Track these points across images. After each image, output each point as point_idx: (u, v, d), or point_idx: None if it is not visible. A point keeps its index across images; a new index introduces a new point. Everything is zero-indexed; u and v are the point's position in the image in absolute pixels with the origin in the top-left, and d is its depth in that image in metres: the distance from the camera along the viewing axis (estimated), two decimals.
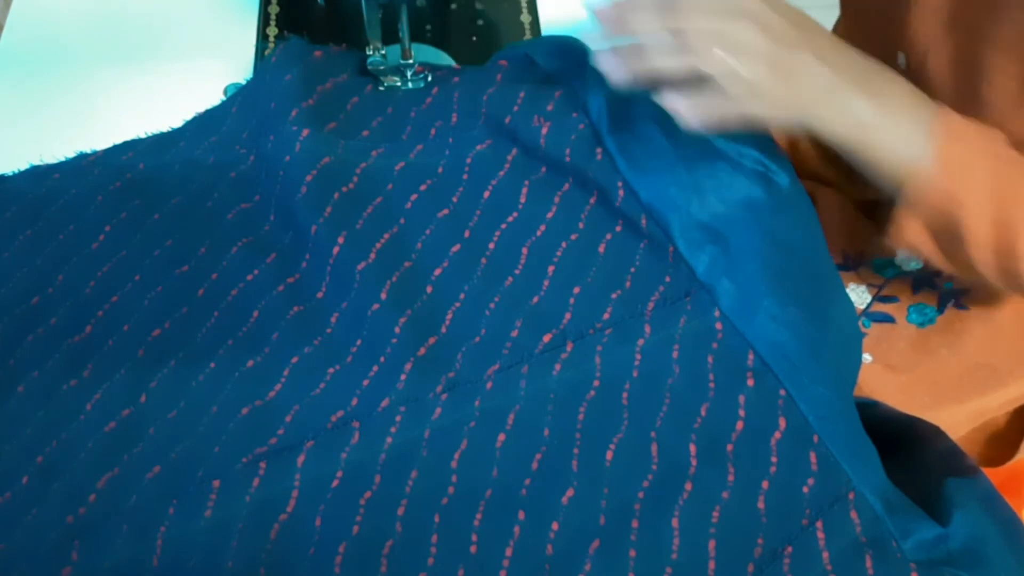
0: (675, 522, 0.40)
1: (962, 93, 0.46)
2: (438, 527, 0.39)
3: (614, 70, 0.43)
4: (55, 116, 0.59)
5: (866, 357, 0.58)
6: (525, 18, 0.67)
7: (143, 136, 0.56)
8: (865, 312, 0.60)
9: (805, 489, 0.41)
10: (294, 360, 0.45)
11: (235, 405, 0.43)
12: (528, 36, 0.65)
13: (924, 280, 0.58)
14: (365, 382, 0.43)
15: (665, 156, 0.49)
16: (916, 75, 0.48)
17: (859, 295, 0.60)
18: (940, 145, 0.41)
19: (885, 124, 0.42)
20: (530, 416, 0.43)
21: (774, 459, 0.42)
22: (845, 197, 0.61)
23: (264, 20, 0.65)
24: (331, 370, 0.44)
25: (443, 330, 0.46)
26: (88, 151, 0.54)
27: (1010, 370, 0.58)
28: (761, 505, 0.40)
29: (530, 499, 0.40)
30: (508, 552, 0.39)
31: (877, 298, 0.60)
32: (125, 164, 0.53)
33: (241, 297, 0.47)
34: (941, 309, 0.58)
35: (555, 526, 0.40)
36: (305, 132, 0.51)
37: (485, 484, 0.40)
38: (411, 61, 0.58)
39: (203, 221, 0.51)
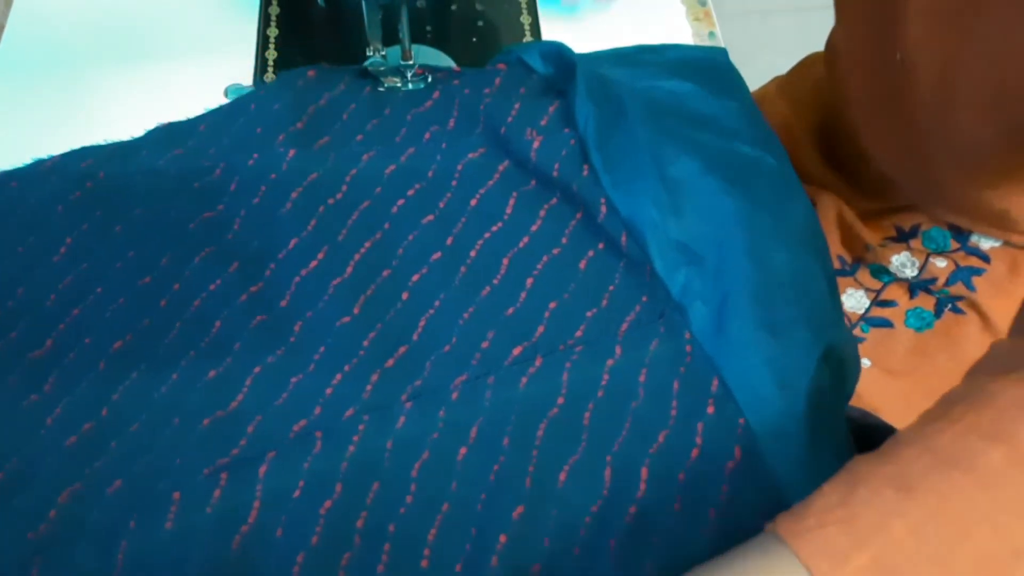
0: (612, 543, 0.39)
1: (948, 90, 0.46)
2: (392, 536, 0.39)
3: None
4: (55, 116, 0.59)
5: (865, 362, 0.58)
6: (525, 19, 0.67)
7: (102, 143, 0.55)
8: (863, 317, 0.60)
9: (751, 521, 0.39)
10: (256, 370, 0.44)
11: (196, 416, 0.42)
12: (528, 37, 0.65)
13: (921, 285, 0.58)
14: (328, 391, 0.43)
15: (647, 173, 0.49)
16: (911, 71, 0.48)
17: (857, 300, 0.60)
18: None
19: None
20: (492, 428, 0.42)
21: (724, 488, 0.41)
22: (844, 202, 0.62)
23: (264, 20, 0.65)
24: (294, 379, 0.44)
25: (414, 338, 0.45)
26: (45, 156, 0.53)
27: None
28: (704, 535, 0.40)
29: (484, 514, 0.40)
30: (458, 568, 0.39)
31: (875, 303, 0.60)
32: (84, 172, 0.52)
33: (203, 307, 0.47)
34: (939, 314, 0.58)
35: (503, 539, 0.39)
36: (292, 152, 0.51)
37: (443, 497, 0.40)
38: (411, 62, 0.58)
39: (165, 232, 0.50)
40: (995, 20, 0.41)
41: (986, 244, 0.57)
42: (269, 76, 0.62)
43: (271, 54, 0.63)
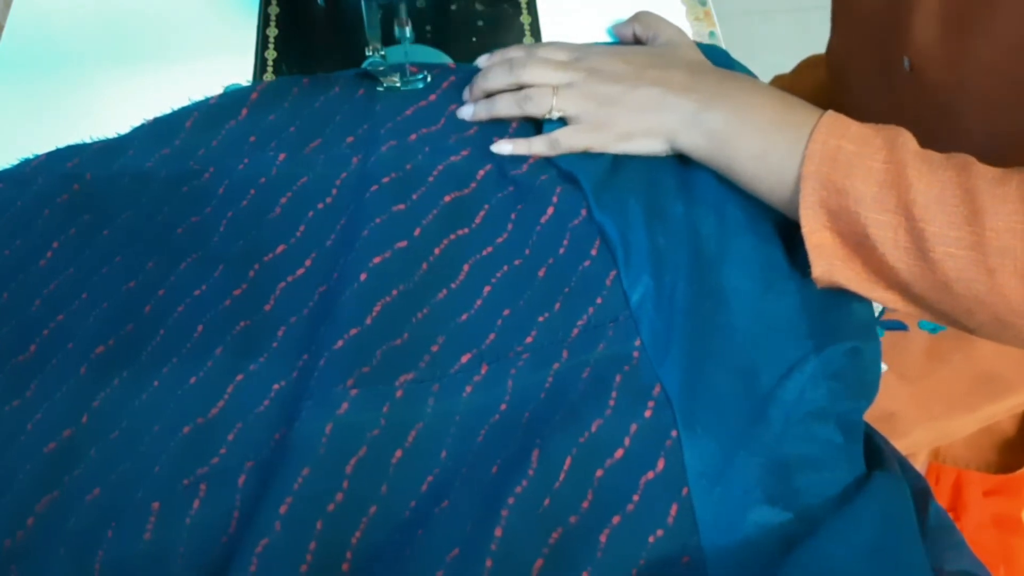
0: (531, 539, 0.39)
1: (961, 92, 0.46)
2: (319, 535, 0.38)
3: (471, 116, 0.54)
4: (55, 116, 0.59)
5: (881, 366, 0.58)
6: (525, 19, 0.66)
7: (88, 140, 0.55)
8: (877, 320, 0.59)
9: (651, 539, 0.39)
10: (239, 378, 0.44)
11: (176, 423, 0.42)
12: (528, 37, 0.65)
13: None
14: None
15: (636, 187, 0.49)
16: (920, 77, 0.48)
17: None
18: (820, 140, 0.41)
19: (746, 131, 0.44)
20: (431, 437, 0.42)
21: (636, 497, 0.40)
22: None
23: (264, 20, 0.65)
24: (276, 386, 0.44)
25: (368, 321, 0.45)
26: (31, 156, 0.53)
27: (1020, 378, 0.57)
28: (603, 539, 0.39)
29: (411, 520, 0.40)
30: (377, 568, 0.38)
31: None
32: (70, 173, 0.52)
33: (187, 313, 0.47)
34: None
35: (419, 532, 0.39)
36: (282, 156, 0.51)
37: (372, 499, 0.40)
38: (411, 62, 0.58)
39: (152, 236, 0.50)
40: (1015, 10, 0.41)
41: None
42: (269, 76, 0.62)
43: (271, 54, 0.63)
